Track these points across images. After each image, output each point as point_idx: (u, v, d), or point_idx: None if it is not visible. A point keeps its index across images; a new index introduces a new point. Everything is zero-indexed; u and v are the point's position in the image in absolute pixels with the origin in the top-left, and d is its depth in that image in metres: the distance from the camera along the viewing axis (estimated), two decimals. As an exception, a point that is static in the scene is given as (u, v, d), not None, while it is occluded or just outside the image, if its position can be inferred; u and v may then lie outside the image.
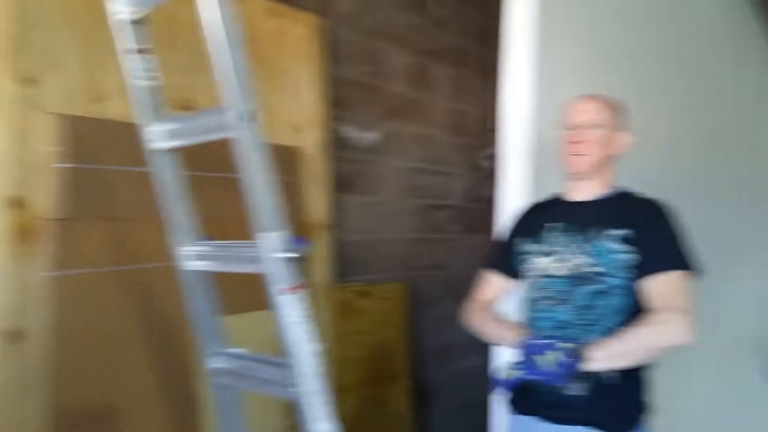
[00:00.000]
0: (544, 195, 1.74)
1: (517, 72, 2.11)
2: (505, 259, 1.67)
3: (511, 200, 2.10)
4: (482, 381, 2.79)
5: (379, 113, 2.88)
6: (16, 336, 1.55)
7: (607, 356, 1.33)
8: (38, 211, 1.59)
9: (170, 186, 1.35)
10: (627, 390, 1.45)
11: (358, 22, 2.77)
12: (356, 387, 2.62)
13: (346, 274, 2.68)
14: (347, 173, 2.73)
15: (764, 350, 4.53)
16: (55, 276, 1.60)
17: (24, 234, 1.57)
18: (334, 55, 2.64)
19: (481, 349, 3.22)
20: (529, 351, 1.36)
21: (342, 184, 2.69)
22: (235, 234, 1.33)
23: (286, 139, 2.30)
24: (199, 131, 1.26)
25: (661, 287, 1.38)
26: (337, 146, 2.65)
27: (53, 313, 1.60)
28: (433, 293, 3.18)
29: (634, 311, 1.42)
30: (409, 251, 3.07)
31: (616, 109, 1.55)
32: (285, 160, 2.26)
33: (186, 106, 1.95)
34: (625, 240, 1.43)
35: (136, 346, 1.77)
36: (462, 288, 3.25)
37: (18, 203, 1.57)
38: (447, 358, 3.28)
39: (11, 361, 1.54)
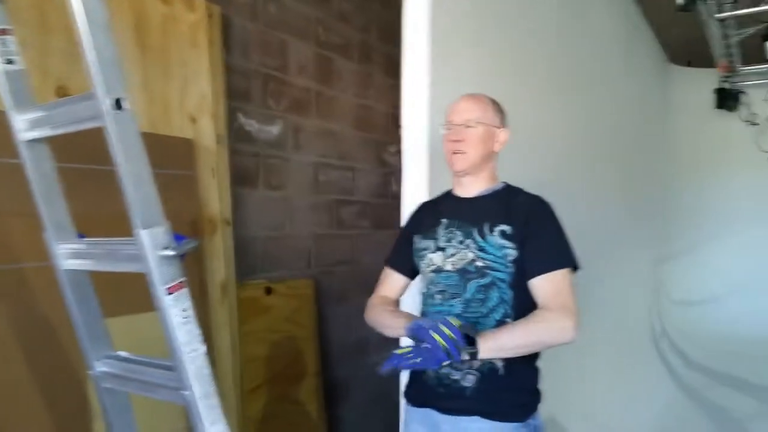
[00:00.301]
0: (443, 191, 1.75)
1: (415, 69, 2.12)
2: (404, 255, 1.67)
3: (413, 196, 2.11)
4: (393, 377, 2.81)
5: (282, 106, 2.81)
6: None
7: (495, 347, 1.36)
8: None
9: (40, 179, 1.24)
10: (518, 379, 1.48)
11: (259, 13, 2.68)
12: (264, 386, 2.55)
13: (250, 271, 2.60)
14: (249, 167, 2.64)
15: (656, 336, 4.86)
16: None
17: None
18: (235, 45, 2.55)
19: (392, 344, 3.25)
20: (416, 333, 1.35)
21: (245, 178, 2.61)
22: (117, 232, 1.24)
23: (181, 131, 2.19)
24: (67, 120, 1.16)
25: (547, 286, 1.43)
26: (239, 139, 2.56)
27: None
28: (341, 289, 3.16)
29: (522, 303, 1.46)
30: (316, 247, 3.02)
31: (494, 107, 1.59)
32: (179, 152, 2.16)
33: (64, 94, 1.81)
34: (508, 235, 1.47)
35: (15, 353, 1.62)
36: (371, 284, 3.27)
37: None
38: (358, 355, 3.26)
39: None
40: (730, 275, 5.23)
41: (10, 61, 1.23)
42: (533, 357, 1.52)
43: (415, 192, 2.10)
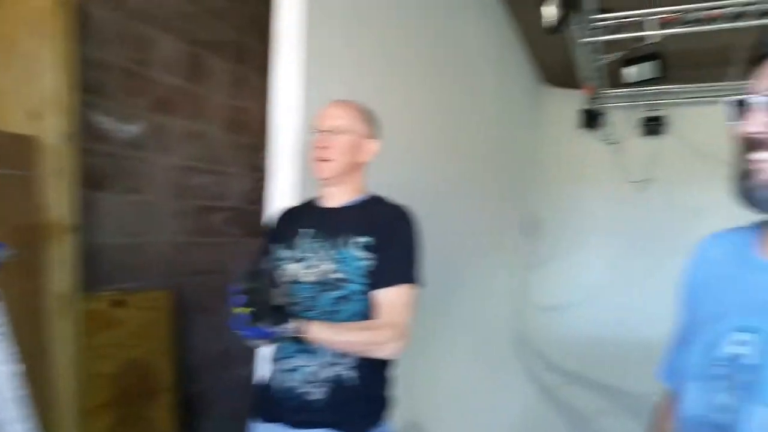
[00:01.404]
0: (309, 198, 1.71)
1: (286, 71, 2.07)
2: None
3: (281, 202, 2.06)
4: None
5: (144, 104, 2.64)
6: None
7: (323, 335, 1.37)
8: None
9: None
10: (368, 388, 1.48)
11: (120, 3, 2.50)
12: (110, 406, 2.37)
13: (101, 281, 2.41)
14: (103, 168, 2.45)
15: (519, 340, 5.13)
16: None
17: None
18: (92, 36, 2.36)
19: (255, 356, 3.15)
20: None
21: (97, 181, 2.41)
22: None
23: (19, 127, 1.99)
24: None
25: (384, 300, 1.44)
26: (91, 138, 2.36)
27: None
28: (206, 299, 3.02)
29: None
30: (179, 255, 2.87)
31: (365, 116, 1.58)
32: (16, 150, 1.95)
33: None
34: (367, 247, 1.46)
35: None
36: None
37: None
38: (221, 367, 3.13)
39: None
40: (587, 283, 5.65)
41: None
42: (384, 366, 1.52)
43: (283, 198, 2.05)
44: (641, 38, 4.01)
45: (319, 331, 1.36)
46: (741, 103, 0.83)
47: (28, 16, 2.03)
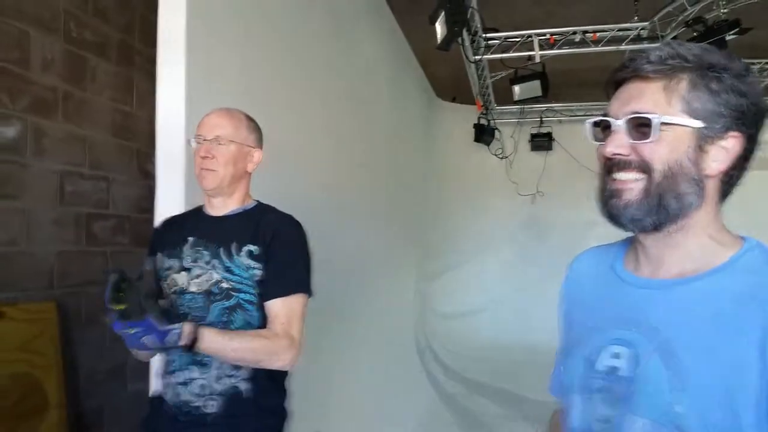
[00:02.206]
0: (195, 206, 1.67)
1: (169, 76, 2.03)
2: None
3: (168, 211, 2.00)
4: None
5: (21, 105, 2.49)
6: None
7: (214, 342, 1.31)
8: None
9: None
10: (263, 401, 1.45)
11: (-8, -3, 2.36)
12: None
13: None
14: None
15: (421, 348, 5.22)
16: None
17: None
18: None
19: (149, 370, 3.02)
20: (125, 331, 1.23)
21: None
22: None
23: None
24: None
25: (278, 310, 1.42)
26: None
27: None
28: (93, 311, 2.86)
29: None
30: (61, 265, 2.70)
31: (249, 125, 1.56)
32: None
33: None
34: (255, 255, 1.44)
35: None
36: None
37: None
38: (112, 382, 2.97)
39: None
40: (484, 291, 5.85)
41: None
42: (280, 377, 1.50)
43: (170, 206, 1.98)
44: (529, 57, 4.26)
45: (210, 337, 1.30)
46: (600, 125, 0.84)
47: None
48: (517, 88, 4.76)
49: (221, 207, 1.53)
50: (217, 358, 1.38)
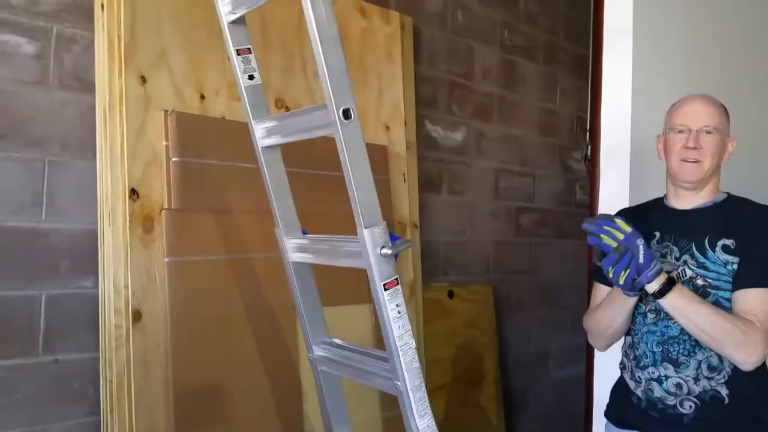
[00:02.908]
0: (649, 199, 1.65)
1: (615, 71, 2.04)
2: None
3: (610, 205, 2.02)
4: (577, 391, 2.71)
5: (466, 112, 2.85)
6: (138, 314, 1.66)
7: (680, 303, 1.27)
8: (155, 201, 1.70)
9: (274, 181, 1.39)
10: (742, 408, 1.36)
11: (447, 20, 2.75)
12: (446, 387, 2.60)
13: (433, 273, 2.68)
14: (435, 173, 2.72)
15: None
16: (172, 261, 1.69)
17: (145, 222, 1.68)
18: (423, 53, 2.65)
19: (572, 358, 3.13)
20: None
21: (430, 184, 2.69)
22: (324, 229, 1.36)
23: (376, 138, 2.32)
24: (300, 129, 1.28)
25: (753, 301, 1.31)
26: (425, 145, 2.64)
27: (170, 295, 1.69)
28: (519, 298, 3.12)
29: None
30: (495, 254, 3.02)
31: (726, 113, 1.46)
32: (375, 159, 2.27)
33: (282, 105, 2.01)
34: (732, 250, 1.36)
35: (244, 331, 1.82)
36: (551, 295, 3.18)
37: (139, 194, 1.68)
38: (536, 366, 3.19)
39: (134, 337, 1.65)
40: None
41: (251, 77, 1.39)
42: (762, 382, 1.38)
43: (612, 199, 2.01)
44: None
45: (684, 291, 1.28)
46: None
47: (380, 43, 2.36)
48: None
49: (690, 200, 1.46)
50: (677, 317, 1.31)
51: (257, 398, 1.82)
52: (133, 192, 1.66)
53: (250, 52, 1.39)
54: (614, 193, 2.05)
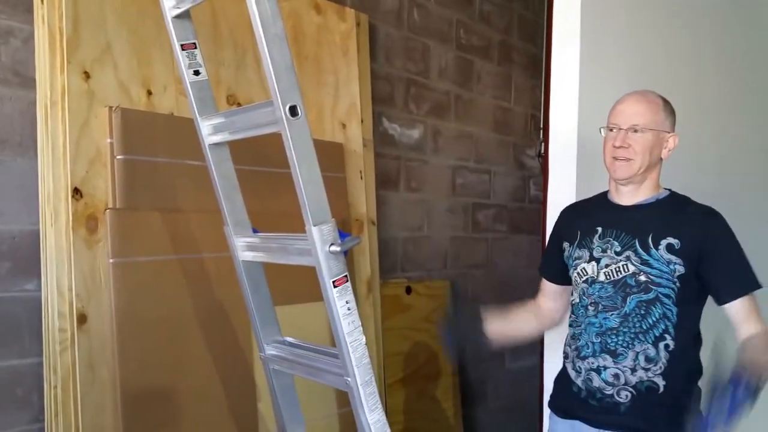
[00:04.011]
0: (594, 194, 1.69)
1: (563, 69, 2.08)
2: (554, 263, 1.66)
3: (558, 201, 2.07)
4: (533, 382, 2.76)
5: (423, 110, 2.86)
6: (82, 317, 1.61)
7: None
8: (99, 200, 1.65)
9: (222, 179, 1.37)
10: (675, 399, 1.42)
11: (404, 19, 2.75)
12: (404, 381, 2.62)
13: (391, 270, 2.68)
14: (392, 170, 2.72)
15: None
16: (117, 262, 1.64)
17: (89, 222, 1.63)
18: (379, 51, 2.64)
19: (532, 350, 3.18)
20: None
21: (387, 181, 2.69)
22: (281, 227, 1.35)
23: (332, 135, 2.31)
24: (247, 126, 1.27)
25: (746, 310, 1.38)
26: (382, 143, 2.65)
27: (116, 297, 1.64)
28: (476, 292, 3.15)
29: (684, 320, 1.42)
30: (452, 249, 3.04)
31: (664, 108, 1.48)
32: (332, 156, 2.27)
33: (234, 101, 1.98)
34: (676, 250, 1.40)
35: (194, 331, 1.79)
36: (506, 288, 3.23)
37: (82, 193, 1.63)
38: (493, 359, 3.23)
39: (79, 341, 1.60)
40: None
41: (197, 72, 1.37)
42: (695, 377, 1.45)
43: (560, 196, 2.05)
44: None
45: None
46: None
47: (335, 40, 2.35)
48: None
49: (631, 196, 1.50)
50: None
51: (210, 398, 1.80)
52: (77, 191, 1.60)
53: (196, 48, 1.37)
54: (562, 190, 2.10)
